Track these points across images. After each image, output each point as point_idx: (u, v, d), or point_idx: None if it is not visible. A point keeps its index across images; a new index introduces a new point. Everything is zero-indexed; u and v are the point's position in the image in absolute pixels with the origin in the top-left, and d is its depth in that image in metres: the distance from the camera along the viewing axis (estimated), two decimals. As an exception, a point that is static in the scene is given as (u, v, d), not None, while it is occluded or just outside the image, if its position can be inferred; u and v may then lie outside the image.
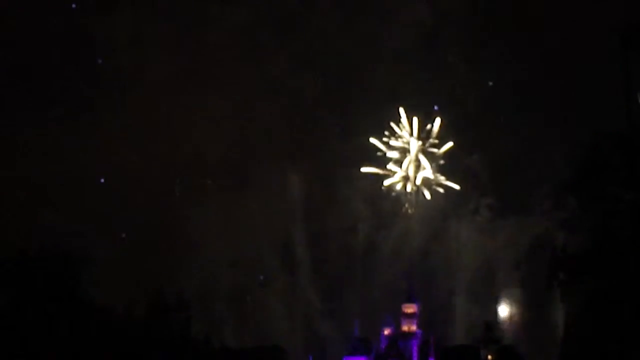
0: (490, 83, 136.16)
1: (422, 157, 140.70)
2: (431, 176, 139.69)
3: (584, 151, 71.29)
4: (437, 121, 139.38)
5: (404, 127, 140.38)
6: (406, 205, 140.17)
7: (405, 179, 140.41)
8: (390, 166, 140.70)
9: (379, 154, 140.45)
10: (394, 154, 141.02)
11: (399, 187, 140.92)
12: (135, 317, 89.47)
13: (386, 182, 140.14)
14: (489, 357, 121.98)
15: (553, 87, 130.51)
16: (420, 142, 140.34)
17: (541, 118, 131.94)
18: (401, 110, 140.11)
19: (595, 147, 69.45)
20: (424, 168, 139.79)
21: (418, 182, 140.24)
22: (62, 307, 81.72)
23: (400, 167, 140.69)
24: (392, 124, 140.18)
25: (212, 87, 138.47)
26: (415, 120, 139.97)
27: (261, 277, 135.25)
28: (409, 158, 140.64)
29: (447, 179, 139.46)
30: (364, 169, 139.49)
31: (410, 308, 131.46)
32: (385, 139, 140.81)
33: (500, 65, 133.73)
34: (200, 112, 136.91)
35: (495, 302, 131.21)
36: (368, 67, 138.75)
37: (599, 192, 68.22)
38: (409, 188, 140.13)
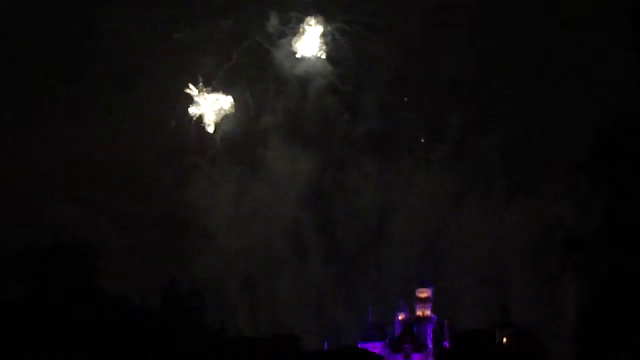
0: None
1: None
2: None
3: (597, 132, 70.63)
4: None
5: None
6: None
7: None
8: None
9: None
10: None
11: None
12: (151, 306, 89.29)
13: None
14: (504, 340, 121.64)
15: (566, 70, 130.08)
16: None
17: (553, 100, 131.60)
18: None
19: (609, 128, 68.75)
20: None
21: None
22: (76, 297, 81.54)
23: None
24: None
25: (218, 76, 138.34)
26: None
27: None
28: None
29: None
30: None
31: (424, 293, 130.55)
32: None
33: (513, 48, 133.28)
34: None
35: (508, 285, 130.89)
36: (376, 56, 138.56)
37: (613, 173, 67.55)
38: None
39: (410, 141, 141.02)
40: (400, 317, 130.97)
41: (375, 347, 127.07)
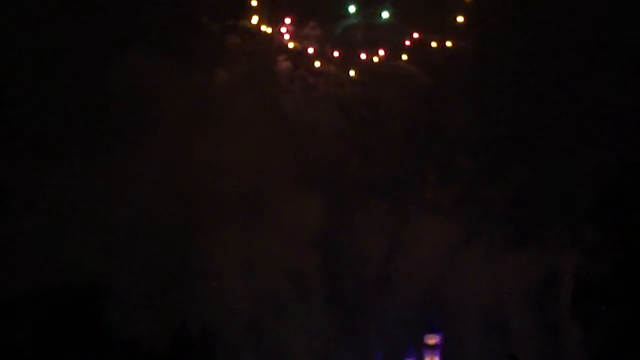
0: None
1: None
2: None
3: (605, 180, 71.13)
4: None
5: None
6: None
7: None
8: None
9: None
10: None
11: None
12: (160, 350, 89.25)
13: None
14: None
15: (575, 117, 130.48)
16: None
17: (562, 147, 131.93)
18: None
19: (617, 175, 69.26)
20: None
21: None
22: (84, 340, 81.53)
23: None
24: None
25: (226, 119, 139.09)
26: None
27: None
28: None
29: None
30: None
31: (432, 339, 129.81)
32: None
33: (523, 95, 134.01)
34: (214, 146, 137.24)
35: (514, 333, 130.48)
36: (385, 102, 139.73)
37: (621, 222, 67.90)
38: None
39: (418, 185, 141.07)
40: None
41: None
